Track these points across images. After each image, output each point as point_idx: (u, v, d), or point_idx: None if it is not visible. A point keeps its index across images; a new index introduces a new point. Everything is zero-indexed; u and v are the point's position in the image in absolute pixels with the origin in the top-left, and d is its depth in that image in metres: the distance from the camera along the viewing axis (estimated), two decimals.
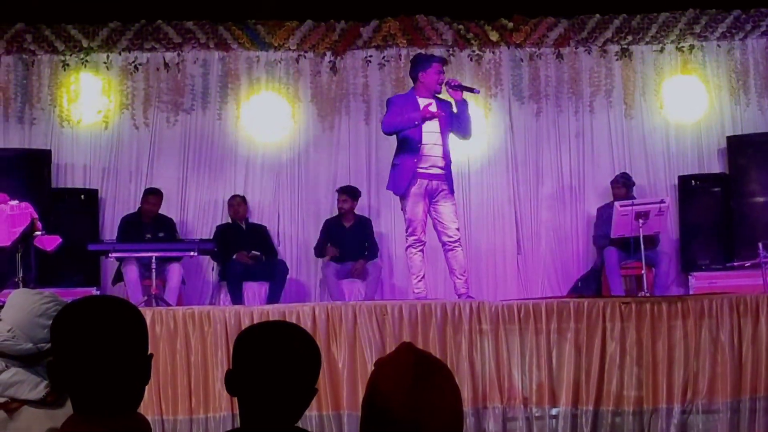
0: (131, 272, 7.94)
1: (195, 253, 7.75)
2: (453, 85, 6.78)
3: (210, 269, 8.95)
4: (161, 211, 8.66)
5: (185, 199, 9.30)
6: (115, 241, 8.18)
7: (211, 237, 8.66)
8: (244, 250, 8.49)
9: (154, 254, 7.48)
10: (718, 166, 9.27)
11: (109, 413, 1.92)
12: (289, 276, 8.53)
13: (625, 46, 9.39)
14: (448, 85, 6.77)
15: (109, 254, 7.72)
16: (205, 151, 9.37)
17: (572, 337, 5.90)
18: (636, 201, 7.82)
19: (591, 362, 5.87)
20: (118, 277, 8.20)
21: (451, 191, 6.82)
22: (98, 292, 8.26)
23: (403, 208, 6.79)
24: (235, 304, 7.74)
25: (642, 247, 7.19)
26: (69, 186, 9.12)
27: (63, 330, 1.96)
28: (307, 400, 2.02)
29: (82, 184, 9.18)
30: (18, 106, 9.18)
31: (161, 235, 8.35)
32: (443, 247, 6.83)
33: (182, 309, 6.18)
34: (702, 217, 8.86)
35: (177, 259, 8.10)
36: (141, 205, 8.64)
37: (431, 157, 6.70)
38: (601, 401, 5.84)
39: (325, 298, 8.34)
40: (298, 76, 9.40)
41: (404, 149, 6.73)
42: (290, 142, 9.41)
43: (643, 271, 7.33)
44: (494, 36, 9.36)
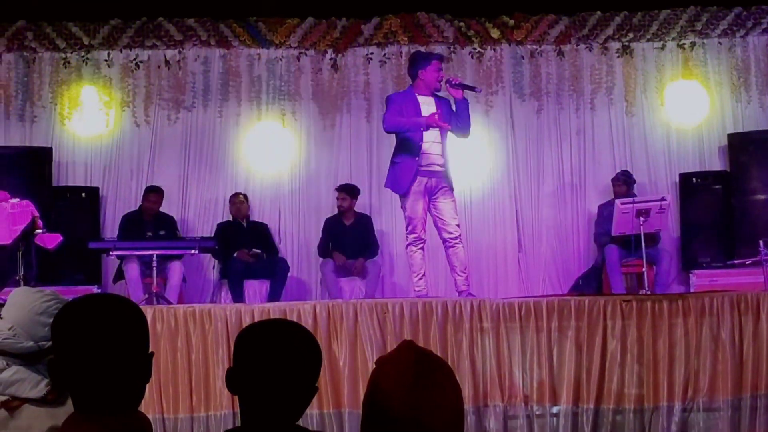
0: (132, 270, 7.93)
1: (196, 251, 7.77)
2: (454, 83, 6.76)
3: (211, 267, 8.94)
4: (162, 209, 8.66)
5: (186, 197, 9.30)
6: (116, 239, 8.17)
7: (212, 235, 8.66)
8: (245, 248, 8.48)
9: (155, 252, 7.48)
10: (719, 164, 9.27)
11: (110, 411, 1.92)
12: (290, 274, 8.53)
13: (626, 44, 9.39)
14: (448, 84, 6.76)
15: (110, 252, 7.74)
16: (206, 148, 9.37)
17: (573, 335, 5.90)
18: (637, 199, 7.81)
19: (592, 360, 5.87)
20: (119, 275, 8.20)
21: (451, 188, 6.82)
22: (99, 290, 8.27)
23: (403, 206, 6.79)
24: (236, 302, 7.74)
25: (643, 244, 7.19)
26: (70, 184, 9.11)
27: (64, 328, 1.96)
28: (308, 399, 2.02)
29: (83, 182, 9.18)
30: (19, 104, 9.18)
31: (162, 233, 8.34)
32: (444, 243, 6.82)
33: (183, 307, 6.18)
34: (703, 214, 8.85)
35: (178, 257, 8.10)
36: (142, 203, 8.64)
37: (431, 155, 6.70)
38: (602, 399, 5.84)
39: (325, 297, 8.34)
40: (299, 73, 9.39)
41: (405, 149, 6.72)
42: (291, 140, 9.41)
43: (644, 269, 7.32)
44: (495, 33, 9.35)
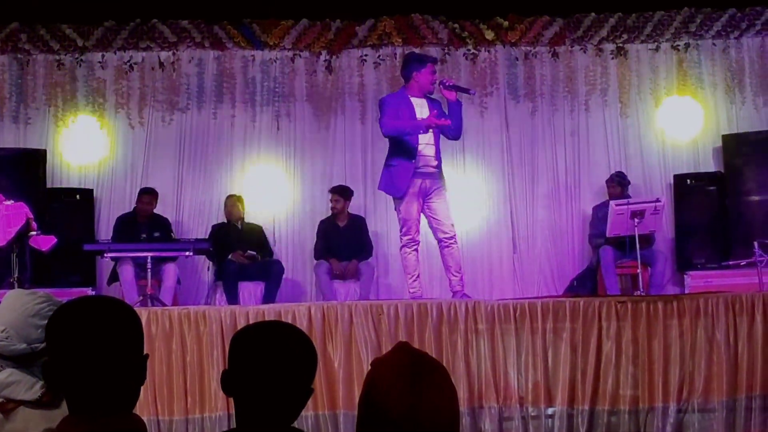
0: (127, 272, 7.92)
1: (190, 253, 7.76)
2: (447, 85, 6.75)
3: (205, 269, 8.92)
4: (157, 211, 8.64)
5: (181, 199, 9.29)
6: (111, 241, 8.16)
7: (207, 237, 8.65)
8: (239, 249, 8.47)
9: (150, 254, 7.47)
10: (714, 165, 9.27)
11: (105, 414, 1.92)
12: (284, 276, 8.52)
13: (621, 45, 9.40)
14: (442, 85, 6.75)
15: (105, 254, 7.73)
16: (200, 150, 9.36)
17: (568, 336, 5.91)
18: (632, 200, 7.83)
19: (587, 361, 5.88)
20: (114, 277, 8.19)
21: (445, 188, 6.82)
22: (94, 292, 8.26)
23: (398, 208, 6.79)
24: (231, 304, 7.72)
25: (638, 246, 7.20)
26: (64, 186, 9.09)
27: (58, 330, 1.95)
28: (303, 400, 2.02)
29: (78, 183, 9.17)
30: (13, 106, 9.17)
31: (157, 234, 8.32)
32: (439, 243, 6.82)
33: (178, 309, 6.18)
34: (697, 216, 8.87)
35: (172, 259, 8.08)
36: (136, 204, 8.63)
37: (425, 156, 6.70)
38: (597, 400, 5.85)
39: (320, 299, 8.33)
40: (294, 75, 9.39)
41: (401, 152, 6.70)
42: (286, 142, 9.40)
43: (639, 270, 7.34)
44: (489, 35, 9.36)
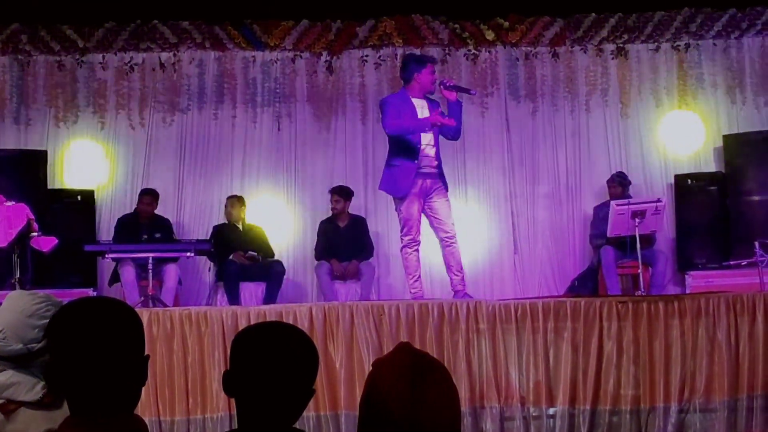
0: (128, 273, 7.92)
1: (192, 254, 7.75)
2: (448, 85, 6.75)
3: (207, 270, 8.93)
4: (158, 212, 8.64)
5: (182, 200, 9.29)
6: (112, 242, 8.16)
7: (208, 237, 8.65)
8: (240, 250, 8.47)
9: (151, 255, 7.47)
10: (715, 165, 9.27)
11: (106, 415, 1.92)
12: (285, 276, 8.52)
13: (621, 45, 9.40)
14: (442, 85, 6.75)
15: (106, 255, 7.72)
16: (201, 151, 9.36)
17: (569, 336, 5.91)
18: (632, 200, 7.82)
19: (588, 361, 5.87)
20: (115, 277, 8.19)
21: (446, 188, 6.82)
22: (95, 293, 8.26)
23: (399, 209, 6.79)
24: (232, 305, 7.72)
25: (638, 246, 7.20)
26: (65, 187, 9.10)
27: (59, 331, 1.95)
28: (304, 401, 2.02)
29: (78, 184, 9.16)
30: (14, 107, 9.17)
31: (158, 235, 8.32)
32: (441, 243, 6.82)
33: (179, 310, 6.17)
34: (698, 216, 8.86)
35: (174, 260, 8.08)
36: (137, 205, 8.63)
37: (426, 157, 6.71)
38: (599, 400, 5.84)
39: (320, 300, 8.33)
40: (294, 75, 9.39)
41: (404, 152, 6.69)
42: (287, 142, 9.41)
43: (640, 270, 7.33)
44: (490, 35, 9.36)
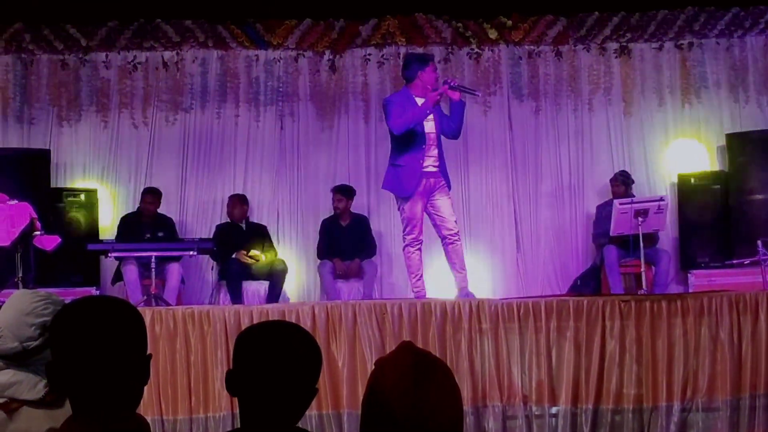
0: (131, 272, 7.93)
1: (194, 253, 7.76)
2: (453, 85, 6.76)
3: (209, 269, 8.94)
4: (161, 211, 8.65)
5: (185, 199, 9.30)
6: (115, 241, 8.17)
7: (211, 236, 8.65)
8: (243, 249, 8.47)
9: (154, 254, 7.48)
10: (718, 164, 9.27)
11: (108, 414, 1.92)
12: (288, 275, 8.52)
13: (624, 44, 9.39)
14: (447, 85, 6.75)
15: (109, 254, 7.72)
16: (204, 150, 9.37)
17: (572, 335, 5.90)
18: (635, 199, 7.82)
19: (591, 360, 5.87)
20: (118, 276, 8.20)
21: (448, 186, 6.82)
22: (98, 292, 8.27)
23: (402, 208, 6.78)
24: (235, 304, 7.73)
25: (641, 245, 7.19)
26: (68, 186, 9.10)
27: (61, 330, 1.95)
28: (307, 400, 2.02)
29: (82, 183, 9.17)
30: (17, 106, 9.18)
31: (160, 234, 8.33)
32: (443, 241, 6.81)
33: (182, 308, 6.18)
34: (701, 214, 8.86)
35: (176, 259, 8.09)
36: (140, 204, 8.64)
37: (430, 157, 6.71)
38: (601, 399, 5.84)
39: (323, 298, 8.33)
40: (297, 74, 9.39)
41: (409, 147, 6.66)
42: (289, 141, 9.41)
43: (643, 269, 7.33)
44: (493, 34, 9.36)
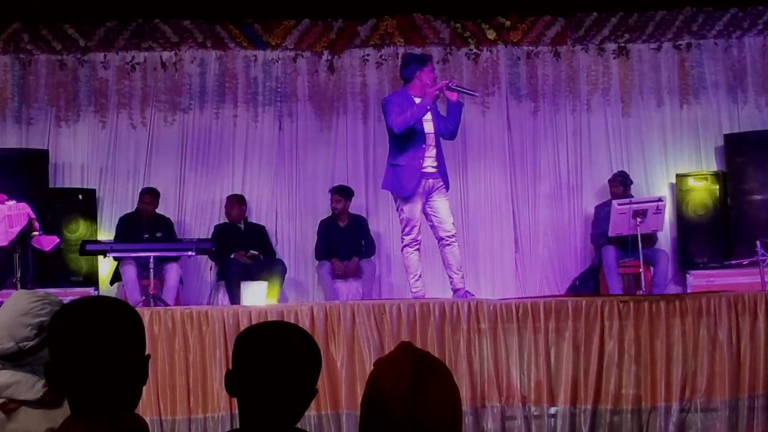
0: (129, 272, 7.93)
1: (193, 253, 7.76)
2: (452, 86, 6.76)
3: (208, 269, 8.94)
4: (159, 211, 8.65)
5: (183, 199, 9.29)
6: (113, 241, 8.16)
7: (209, 237, 8.65)
8: (242, 249, 8.47)
9: (152, 254, 7.47)
10: (716, 164, 9.28)
11: (106, 414, 1.92)
12: (287, 275, 8.52)
13: (623, 45, 9.39)
14: (446, 82, 6.77)
15: (107, 254, 7.72)
16: (202, 150, 9.36)
17: (570, 335, 5.90)
18: (634, 199, 7.83)
19: (589, 361, 5.87)
20: (116, 277, 8.19)
21: (447, 187, 6.83)
22: (96, 292, 8.26)
23: (401, 208, 6.78)
24: (233, 304, 7.73)
25: (640, 245, 7.20)
26: (66, 186, 9.10)
27: (60, 331, 1.95)
28: (307, 401, 2.01)
29: (80, 183, 9.17)
30: (15, 106, 9.16)
31: (159, 234, 8.33)
32: (440, 242, 6.82)
33: (180, 309, 6.17)
34: (699, 215, 8.86)
35: (175, 259, 8.09)
36: (138, 204, 8.64)
37: (429, 157, 6.71)
38: (600, 400, 5.84)
39: (322, 299, 8.33)
40: (296, 75, 9.39)
41: (409, 146, 6.66)
42: (288, 142, 9.41)
43: (641, 270, 7.34)
44: (491, 34, 9.36)
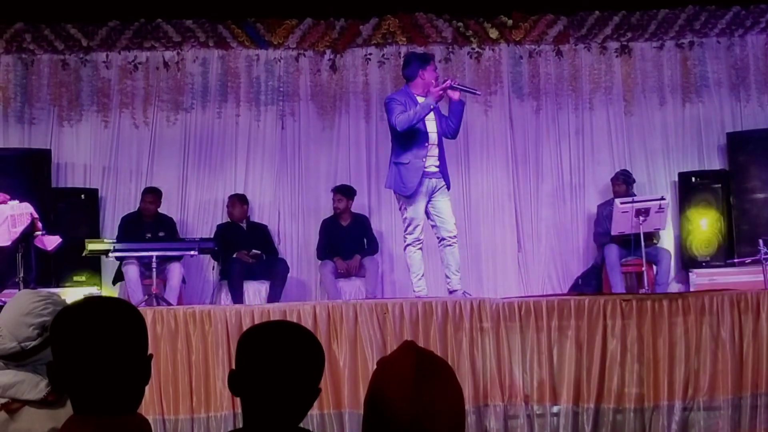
0: (132, 272, 7.93)
1: (195, 253, 7.77)
2: (454, 85, 6.76)
3: (210, 268, 8.94)
4: (161, 210, 8.65)
5: (185, 198, 9.30)
6: (116, 241, 8.16)
7: (212, 236, 8.65)
8: (244, 249, 8.48)
9: (155, 254, 7.48)
10: (719, 163, 9.28)
11: (109, 414, 1.92)
12: (289, 275, 8.53)
13: (625, 43, 9.39)
14: (450, 81, 6.77)
15: (110, 254, 7.72)
16: (205, 149, 9.37)
17: (573, 334, 5.90)
18: (636, 198, 7.84)
19: (592, 360, 5.86)
20: (119, 276, 8.20)
21: (448, 186, 6.83)
22: (99, 292, 8.26)
23: (404, 207, 6.78)
24: (236, 304, 7.74)
25: (642, 244, 7.20)
26: (69, 185, 9.11)
27: (63, 331, 1.95)
28: (310, 400, 2.01)
29: (83, 183, 9.18)
30: (18, 106, 9.18)
31: (161, 234, 8.33)
32: (442, 242, 6.82)
33: (183, 308, 6.17)
34: (702, 214, 8.85)
35: (177, 259, 8.09)
36: (140, 204, 8.64)
37: (431, 156, 6.71)
38: (603, 399, 5.83)
39: (324, 298, 8.33)
40: (298, 74, 9.39)
41: (412, 145, 6.66)
42: (290, 141, 9.41)
43: (644, 268, 7.34)
44: (494, 33, 9.36)
